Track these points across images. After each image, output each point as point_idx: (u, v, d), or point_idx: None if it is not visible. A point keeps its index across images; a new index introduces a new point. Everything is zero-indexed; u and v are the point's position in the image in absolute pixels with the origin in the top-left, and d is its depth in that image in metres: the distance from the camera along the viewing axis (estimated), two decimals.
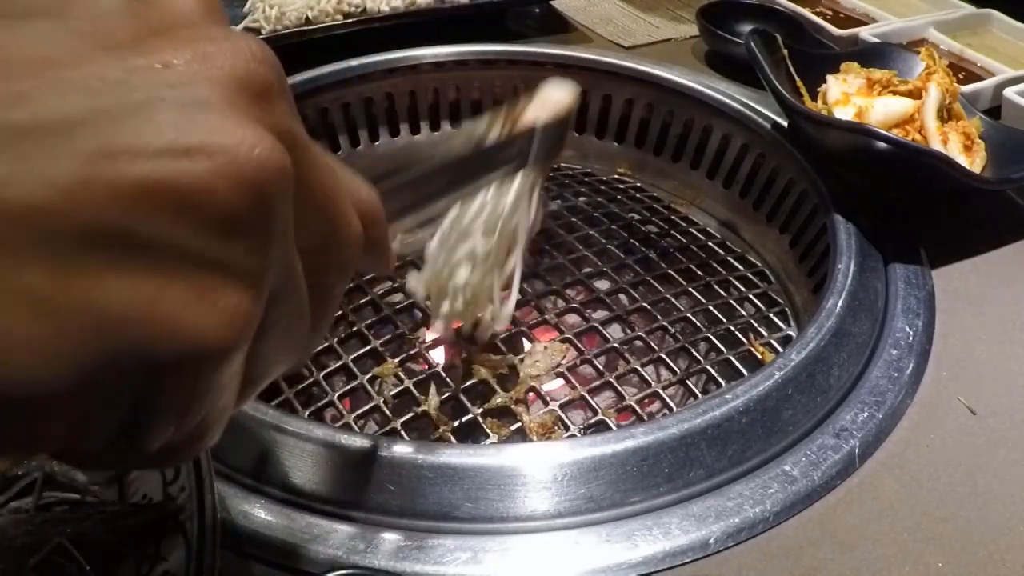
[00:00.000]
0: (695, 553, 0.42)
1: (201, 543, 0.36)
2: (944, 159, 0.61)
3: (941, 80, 0.68)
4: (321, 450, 0.44)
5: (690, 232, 0.73)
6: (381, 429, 0.52)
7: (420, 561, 0.41)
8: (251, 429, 0.45)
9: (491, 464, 0.44)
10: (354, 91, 0.80)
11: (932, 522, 0.44)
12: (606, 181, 0.81)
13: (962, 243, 0.64)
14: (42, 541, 0.36)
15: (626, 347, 0.59)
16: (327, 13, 0.89)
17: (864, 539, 0.43)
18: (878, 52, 0.77)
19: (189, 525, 0.37)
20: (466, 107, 0.85)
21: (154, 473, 0.40)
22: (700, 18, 0.91)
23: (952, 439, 0.49)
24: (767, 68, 0.69)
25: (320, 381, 0.56)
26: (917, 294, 0.59)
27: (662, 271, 0.67)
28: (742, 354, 0.59)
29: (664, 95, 0.80)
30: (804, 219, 0.69)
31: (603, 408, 0.54)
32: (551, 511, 0.44)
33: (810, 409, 0.50)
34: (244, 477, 0.45)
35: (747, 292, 0.66)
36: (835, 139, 0.65)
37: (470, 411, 0.53)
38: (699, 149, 0.79)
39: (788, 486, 0.45)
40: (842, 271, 0.57)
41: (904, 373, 0.53)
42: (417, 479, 0.43)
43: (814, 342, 0.51)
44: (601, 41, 0.96)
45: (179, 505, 0.38)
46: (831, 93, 0.70)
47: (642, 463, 0.45)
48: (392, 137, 0.83)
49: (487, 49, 0.83)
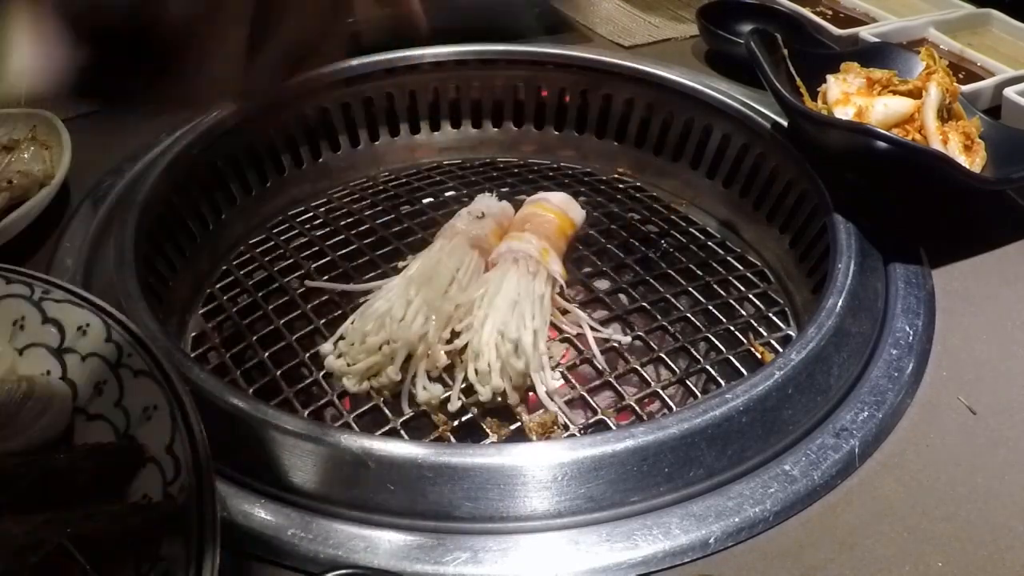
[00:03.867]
0: (695, 553, 0.42)
1: (201, 543, 0.36)
2: (944, 159, 0.61)
3: (941, 80, 0.68)
4: (321, 450, 0.44)
5: (690, 232, 0.73)
6: (381, 429, 0.52)
7: (420, 561, 0.41)
8: (251, 429, 0.46)
9: (491, 464, 0.44)
10: (354, 91, 0.80)
11: (932, 522, 0.44)
12: (606, 181, 0.81)
13: (962, 243, 0.64)
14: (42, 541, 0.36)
15: (626, 347, 0.59)
16: None
17: (864, 539, 0.43)
18: (878, 52, 0.77)
19: (189, 525, 0.37)
20: (466, 107, 0.85)
21: (154, 473, 0.40)
22: (700, 18, 0.91)
23: (952, 439, 0.49)
24: (767, 68, 0.69)
25: (320, 381, 0.56)
26: (917, 294, 0.59)
27: (662, 271, 0.67)
28: (742, 354, 0.59)
29: (664, 95, 0.80)
30: (804, 219, 0.69)
31: (603, 408, 0.54)
32: (551, 511, 0.44)
33: (810, 409, 0.50)
34: (244, 477, 0.45)
35: (747, 292, 0.66)
36: (835, 139, 0.65)
37: (470, 411, 0.53)
38: (699, 149, 0.79)
39: (788, 486, 0.45)
40: (842, 271, 0.57)
41: (904, 373, 0.53)
42: (417, 479, 0.43)
43: (814, 342, 0.51)
44: (601, 41, 0.96)
45: (179, 505, 0.38)
46: (831, 93, 0.70)
47: (642, 463, 0.45)
48: (392, 137, 0.83)
49: (487, 49, 0.83)
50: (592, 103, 0.83)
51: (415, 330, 0.54)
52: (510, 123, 0.86)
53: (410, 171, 0.82)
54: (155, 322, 0.51)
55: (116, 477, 0.40)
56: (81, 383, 0.45)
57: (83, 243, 0.61)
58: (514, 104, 0.85)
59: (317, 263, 0.68)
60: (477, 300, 0.57)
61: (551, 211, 0.66)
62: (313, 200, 0.77)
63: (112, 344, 0.45)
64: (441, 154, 0.85)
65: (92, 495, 0.40)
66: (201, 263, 0.69)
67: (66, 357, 0.46)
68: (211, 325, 0.63)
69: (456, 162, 0.84)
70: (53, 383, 0.44)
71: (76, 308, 0.47)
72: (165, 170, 0.65)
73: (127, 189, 0.66)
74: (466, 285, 0.59)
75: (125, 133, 0.74)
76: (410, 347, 0.54)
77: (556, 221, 0.65)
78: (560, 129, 0.85)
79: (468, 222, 0.64)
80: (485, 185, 0.78)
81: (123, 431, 0.42)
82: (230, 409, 0.46)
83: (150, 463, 0.40)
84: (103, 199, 0.66)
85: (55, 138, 0.69)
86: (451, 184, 0.79)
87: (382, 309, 0.56)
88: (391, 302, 0.56)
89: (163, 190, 0.65)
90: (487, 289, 0.57)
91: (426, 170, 0.82)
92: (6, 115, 0.71)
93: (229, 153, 0.73)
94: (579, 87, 0.84)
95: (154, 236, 0.63)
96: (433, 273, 0.58)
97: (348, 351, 0.55)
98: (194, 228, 0.69)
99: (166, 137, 0.71)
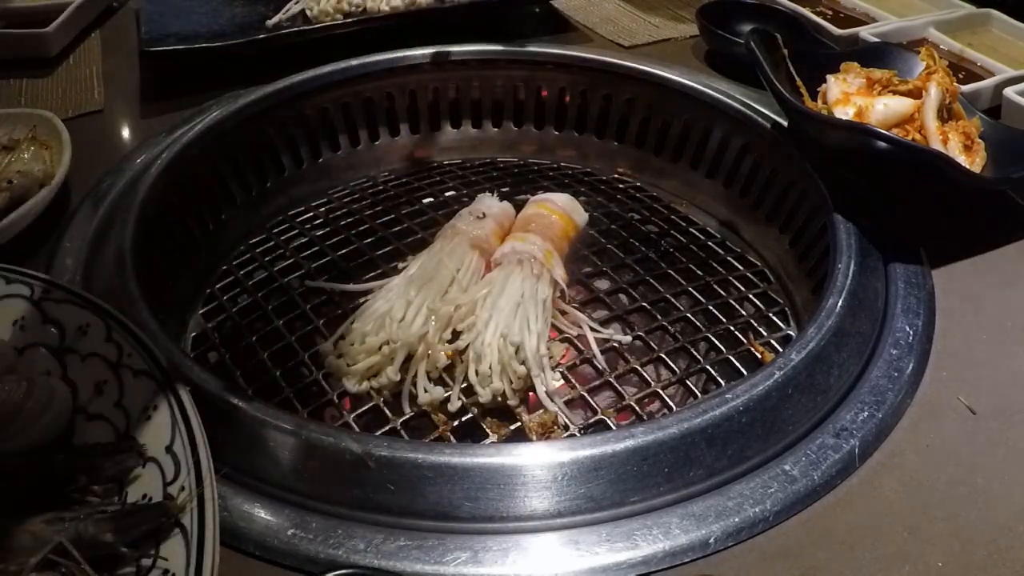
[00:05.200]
0: (695, 553, 0.42)
1: (201, 543, 0.36)
2: (944, 159, 0.61)
3: (941, 80, 0.68)
4: (321, 450, 0.44)
5: (690, 232, 0.73)
6: (381, 429, 0.52)
7: (420, 561, 0.41)
8: (251, 429, 0.46)
9: (491, 464, 0.44)
10: (354, 91, 0.80)
11: (932, 522, 0.44)
12: (606, 181, 0.81)
13: (962, 243, 0.64)
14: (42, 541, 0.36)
15: (626, 347, 0.59)
16: (327, 12, 0.89)
17: (864, 539, 0.43)
18: (878, 52, 0.77)
19: (189, 525, 0.37)
20: (466, 107, 0.85)
21: (154, 473, 0.40)
22: (700, 18, 0.91)
23: (952, 439, 0.49)
24: (767, 68, 0.69)
25: (320, 381, 0.56)
26: (917, 294, 0.59)
27: (662, 271, 0.67)
28: (742, 354, 0.59)
29: (664, 95, 0.80)
30: (804, 219, 0.69)
31: (603, 408, 0.54)
32: (551, 511, 0.44)
33: (810, 409, 0.50)
34: (244, 477, 0.45)
35: (747, 292, 0.66)
36: (835, 139, 0.65)
37: (470, 411, 0.53)
38: (699, 149, 0.79)
39: (788, 486, 0.45)
40: (842, 271, 0.57)
41: (904, 373, 0.53)
42: (417, 479, 0.43)
43: (814, 342, 0.51)
44: (601, 41, 0.96)
45: (179, 505, 0.38)
46: (831, 93, 0.70)
47: (642, 463, 0.45)
48: (392, 137, 0.83)
49: (487, 49, 0.83)
50: (592, 103, 0.83)
51: (415, 331, 0.54)
52: (510, 123, 0.86)
53: (410, 171, 0.82)
54: (155, 322, 0.51)
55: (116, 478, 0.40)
56: (81, 383, 0.45)
57: (83, 243, 0.61)
58: (514, 104, 0.85)
59: (317, 263, 0.68)
60: (480, 300, 0.57)
61: (555, 212, 0.66)
62: (313, 200, 0.77)
63: (112, 344, 0.45)
64: (441, 154, 0.85)
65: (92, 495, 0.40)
66: (201, 263, 0.69)
67: (66, 357, 0.46)
68: (211, 325, 0.63)
69: (456, 162, 0.84)
70: (53, 383, 0.44)
71: (76, 308, 0.47)
72: (165, 170, 0.65)
73: (127, 189, 0.66)
74: (466, 286, 0.59)
75: (125, 133, 0.75)
76: (410, 348, 0.54)
77: (560, 223, 0.65)
78: (560, 129, 0.85)
79: (469, 222, 0.64)
80: (485, 185, 0.78)
81: (123, 431, 0.42)
82: (230, 409, 0.46)
83: (150, 463, 0.40)
84: (103, 199, 0.66)
85: (55, 138, 0.69)
86: (451, 184, 0.79)
87: (382, 309, 0.56)
88: (391, 302, 0.56)
89: (163, 190, 0.65)
90: (490, 290, 0.57)
91: (426, 170, 0.82)
92: (6, 115, 0.71)
93: (229, 153, 0.73)
94: (579, 87, 0.84)
95: (154, 236, 0.63)
96: (434, 274, 0.58)
97: (348, 351, 0.55)
98: (194, 228, 0.69)
99: (166, 137, 0.72)
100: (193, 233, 0.69)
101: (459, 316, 0.56)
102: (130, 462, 0.40)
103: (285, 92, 0.76)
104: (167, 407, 0.41)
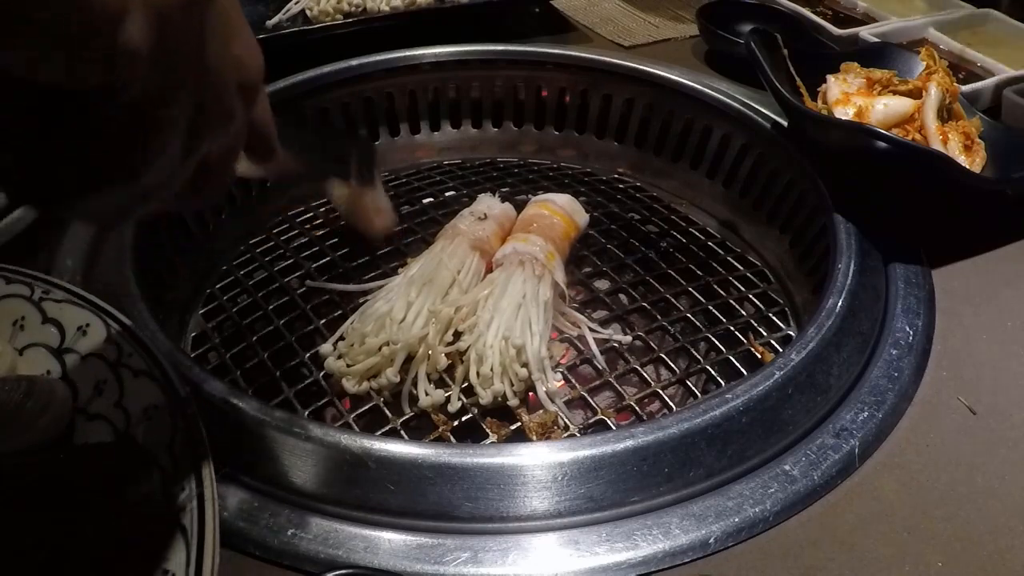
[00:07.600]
0: (695, 553, 0.42)
1: (201, 543, 0.36)
2: (944, 159, 0.61)
3: (941, 80, 0.68)
4: (321, 450, 0.44)
5: (690, 232, 0.73)
6: (381, 429, 0.52)
7: (420, 561, 0.41)
8: (251, 429, 0.46)
9: (491, 464, 0.44)
10: (354, 91, 0.80)
11: (932, 522, 0.44)
12: (606, 181, 0.81)
13: (962, 243, 0.64)
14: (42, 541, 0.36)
15: (626, 347, 0.59)
16: (327, 12, 0.89)
17: (864, 539, 0.43)
18: (878, 52, 0.77)
19: (189, 525, 0.37)
20: (466, 107, 0.85)
21: (154, 473, 0.40)
22: (700, 18, 0.91)
23: (952, 439, 0.49)
24: (767, 68, 0.69)
25: (320, 381, 0.56)
26: (917, 294, 0.59)
27: (662, 271, 0.67)
28: (742, 354, 0.59)
29: (664, 95, 0.80)
30: (804, 219, 0.69)
31: (603, 408, 0.54)
32: (551, 511, 0.44)
33: (810, 409, 0.50)
34: (244, 477, 0.45)
35: (747, 292, 0.66)
36: (835, 139, 0.65)
37: (470, 411, 0.53)
38: (699, 149, 0.79)
39: (788, 486, 0.45)
40: (842, 271, 0.57)
41: (904, 373, 0.53)
42: (417, 479, 0.43)
43: (814, 342, 0.51)
44: (601, 41, 0.96)
45: (179, 505, 0.38)
46: (831, 93, 0.70)
47: (642, 463, 0.45)
48: (392, 137, 0.83)
49: (487, 49, 0.83)
50: (592, 103, 0.84)
51: (415, 332, 0.54)
52: (510, 123, 0.86)
53: (410, 171, 0.82)
54: (155, 322, 0.51)
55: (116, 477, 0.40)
56: (81, 383, 0.45)
57: (83, 243, 0.61)
58: (514, 104, 0.85)
59: (317, 263, 0.68)
60: (481, 302, 0.57)
61: (557, 213, 0.66)
62: (313, 200, 0.77)
63: (112, 344, 0.45)
64: (441, 154, 0.85)
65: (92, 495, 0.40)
66: (201, 263, 0.69)
67: (66, 357, 0.46)
68: (211, 325, 0.63)
69: (456, 162, 0.84)
70: (53, 383, 0.44)
71: (76, 308, 0.47)
72: None
73: None
74: (467, 287, 0.59)
75: None
76: (410, 349, 0.54)
77: (562, 224, 0.65)
78: (560, 129, 0.85)
79: (470, 223, 0.64)
80: (485, 185, 0.78)
81: (123, 431, 0.42)
82: (230, 409, 0.46)
83: (150, 463, 0.40)
84: None
85: None
86: (451, 184, 0.79)
87: (382, 310, 0.56)
88: (391, 303, 0.56)
89: None
90: (491, 291, 0.57)
91: (426, 170, 0.82)
92: None
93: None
94: (579, 87, 0.84)
95: (154, 236, 0.63)
96: (434, 275, 0.58)
97: (348, 352, 0.55)
98: (194, 228, 0.69)
99: None
100: (193, 233, 0.69)
101: (460, 317, 0.56)
102: (130, 462, 0.40)
103: (285, 92, 0.76)
104: (167, 407, 0.41)
